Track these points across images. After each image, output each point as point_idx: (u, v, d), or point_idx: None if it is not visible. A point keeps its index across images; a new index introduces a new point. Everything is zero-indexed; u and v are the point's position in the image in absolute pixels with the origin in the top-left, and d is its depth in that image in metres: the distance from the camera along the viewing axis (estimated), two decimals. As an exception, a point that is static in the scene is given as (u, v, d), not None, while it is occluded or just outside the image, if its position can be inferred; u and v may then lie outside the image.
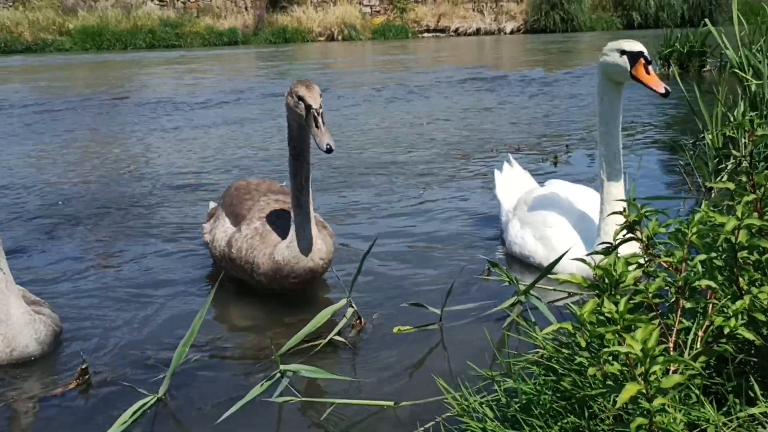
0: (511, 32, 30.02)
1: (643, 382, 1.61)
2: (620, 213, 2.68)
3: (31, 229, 4.68)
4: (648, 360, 1.58)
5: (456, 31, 29.64)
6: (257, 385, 2.46)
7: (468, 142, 7.21)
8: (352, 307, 3.07)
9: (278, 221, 3.38)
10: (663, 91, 3.04)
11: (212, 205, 4.08)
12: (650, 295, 2.01)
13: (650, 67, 3.11)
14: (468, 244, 4.13)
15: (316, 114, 2.88)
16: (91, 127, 8.73)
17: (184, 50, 23.18)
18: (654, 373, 1.65)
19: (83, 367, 2.67)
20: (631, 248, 3.06)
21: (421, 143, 7.18)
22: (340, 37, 27.14)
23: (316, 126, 2.87)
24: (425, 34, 29.22)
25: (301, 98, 2.92)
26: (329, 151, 2.80)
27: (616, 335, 1.84)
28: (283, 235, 3.28)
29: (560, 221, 3.58)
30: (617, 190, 3.32)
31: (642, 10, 30.27)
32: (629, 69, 3.12)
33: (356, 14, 28.08)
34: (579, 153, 6.50)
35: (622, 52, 3.13)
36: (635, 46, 3.14)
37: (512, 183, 4.28)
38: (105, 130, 8.55)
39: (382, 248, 4.02)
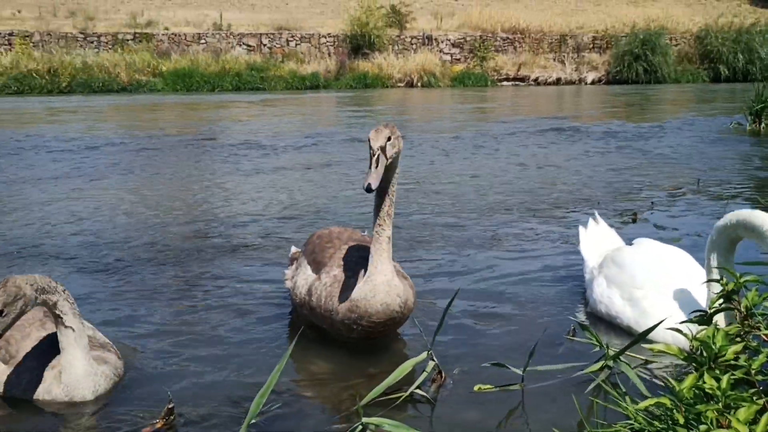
0: (592, 83, 29.80)
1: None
2: (717, 281, 2.58)
3: (113, 265, 4.81)
4: (756, 445, 1.51)
5: (536, 80, 29.64)
6: (338, 437, 2.46)
7: (546, 194, 7.12)
8: (433, 360, 3.05)
9: (358, 269, 3.40)
10: None
11: (293, 249, 4.14)
12: (753, 371, 1.93)
13: None
14: (549, 302, 4.05)
15: (371, 155, 3.03)
16: (178, 168, 9.04)
17: (268, 93, 23.98)
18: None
19: (170, 406, 2.71)
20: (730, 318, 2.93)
21: (498, 194, 7.14)
22: (419, 84, 27.53)
23: (369, 166, 3.01)
24: (504, 83, 29.32)
25: (369, 140, 3.09)
26: (368, 190, 2.94)
27: (717, 413, 1.77)
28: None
29: (650, 282, 3.46)
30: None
31: (730, 63, 29.58)
32: None
33: (436, 62, 28.48)
34: (660, 212, 6.30)
35: None
36: None
37: (597, 240, 4.20)
38: (190, 171, 8.84)
39: (462, 304, 3.98)
